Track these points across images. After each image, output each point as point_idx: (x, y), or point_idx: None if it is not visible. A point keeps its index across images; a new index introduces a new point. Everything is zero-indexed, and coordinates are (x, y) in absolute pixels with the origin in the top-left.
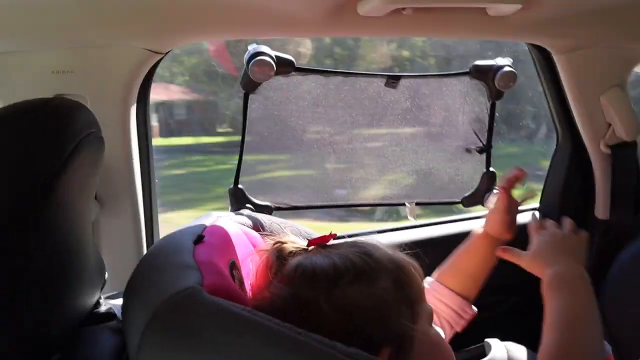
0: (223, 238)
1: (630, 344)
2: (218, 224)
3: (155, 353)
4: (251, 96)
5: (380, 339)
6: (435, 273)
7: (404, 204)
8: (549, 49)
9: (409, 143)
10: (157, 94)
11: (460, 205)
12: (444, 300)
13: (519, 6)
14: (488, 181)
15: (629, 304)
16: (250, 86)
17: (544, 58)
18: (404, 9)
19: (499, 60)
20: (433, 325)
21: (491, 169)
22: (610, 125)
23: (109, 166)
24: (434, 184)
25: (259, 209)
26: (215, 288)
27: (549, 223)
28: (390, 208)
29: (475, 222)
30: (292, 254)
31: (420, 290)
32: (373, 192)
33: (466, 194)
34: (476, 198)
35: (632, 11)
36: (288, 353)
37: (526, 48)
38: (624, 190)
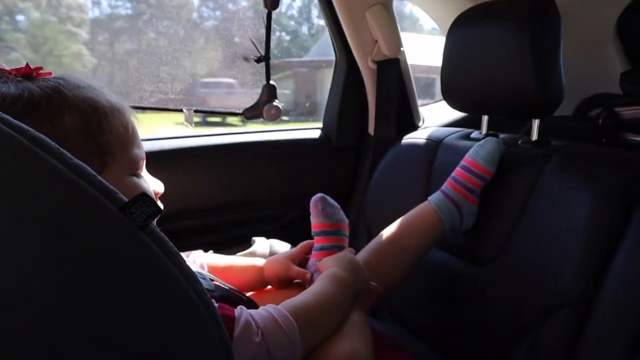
0: None
1: (378, 228)
2: None
3: None
4: None
5: None
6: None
7: (181, 110)
8: None
9: (183, 43)
10: None
11: None
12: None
13: None
14: (268, 94)
15: (379, 203)
16: None
17: None
18: None
19: None
20: (141, 178)
21: (271, 81)
22: (376, 41)
23: None
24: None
25: None
26: None
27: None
28: None
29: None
30: None
31: (123, 139)
32: (148, 94)
33: (247, 106)
34: (257, 111)
35: None
36: None
37: None
38: (386, 107)
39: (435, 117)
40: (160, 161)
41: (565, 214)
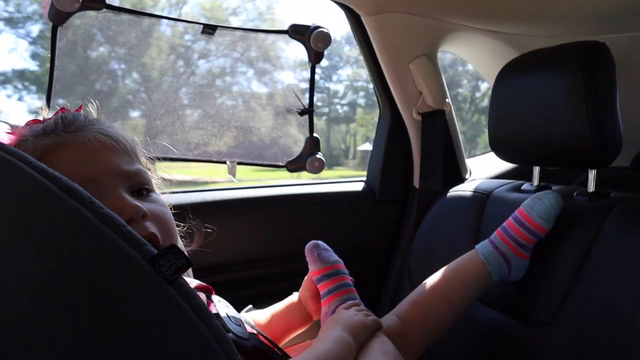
0: None
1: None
2: None
3: None
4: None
5: None
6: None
7: (224, 162)
8: (356, 9)
9: (227, 99)
10: None
11: None
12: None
13: None
14: (311, 146)
15: (425, 257)
16: (57, 17)
17: (356, 21)
18: None
19: (317, 22)
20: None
21: (315, 134)
22: (421, 93)
23: None
24: (257, 144)
25: None
26: None
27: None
28: None
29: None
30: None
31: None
32: (192, 147)
33: (290, 159)
34: (300, 163)
35: None
36: None
37: None
38: (432, 159)
39: (483, 169)
40: (204, 213)
41: (630, 271)
